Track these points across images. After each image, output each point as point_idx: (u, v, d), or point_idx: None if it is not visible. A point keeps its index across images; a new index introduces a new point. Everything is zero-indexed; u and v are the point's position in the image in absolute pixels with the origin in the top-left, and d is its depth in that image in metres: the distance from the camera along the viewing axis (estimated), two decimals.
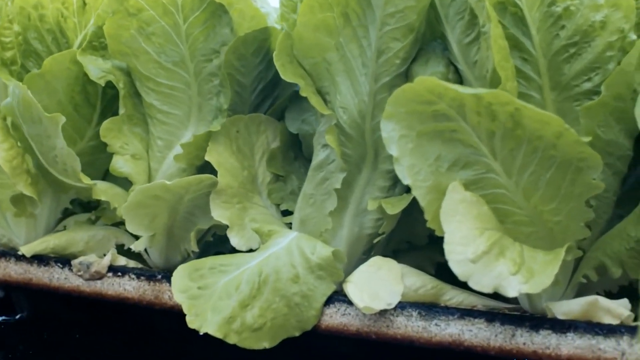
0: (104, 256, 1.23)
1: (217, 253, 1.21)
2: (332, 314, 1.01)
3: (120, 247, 1.32)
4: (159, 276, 1.15)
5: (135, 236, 1.27)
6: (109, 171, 1.30)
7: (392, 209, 1.03)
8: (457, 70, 1.04)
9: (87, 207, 1.44)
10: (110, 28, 1.22)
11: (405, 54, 1.04)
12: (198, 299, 1.00)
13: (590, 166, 0.86)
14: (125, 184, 1.31)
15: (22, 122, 1.25)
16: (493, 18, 0.87)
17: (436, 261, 1.16)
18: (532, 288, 0.79)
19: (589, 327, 0.85)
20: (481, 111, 0.84)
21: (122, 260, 1.25)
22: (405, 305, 0.97)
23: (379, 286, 1.00)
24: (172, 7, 1.17)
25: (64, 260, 1.25)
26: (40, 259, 1.26)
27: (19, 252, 1.28)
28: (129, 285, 1.17)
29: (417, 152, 0.88)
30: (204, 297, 1.00)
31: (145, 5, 1.18)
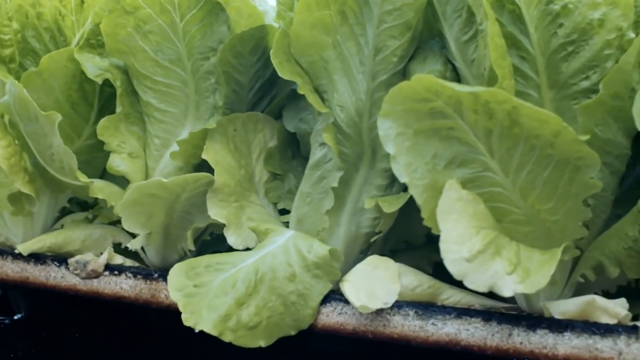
0: (101, 255, 1.22)
1: (214, 252, 1.19)
2: (329, 313, 1.00)
3: (117, 246, 1.31)
4: (156, 275, 1.15)
5: (132, 235, 1.27)
6: (107, 170, 1.29)
7: (389, 208, 1.02)
8: (454, 68, 1.03)
9: (85, 206, 1.44)
10: (107, 26, 1.22)
11: (403, 52, 1.03)
12: (194, 297, 1.00)
13: (588, 165, 0.85)
14: (122, 182, 1.31)
15: (19, 120, 1.24)
16: (490, 16, 0.87)
17: (434, 260, 1.15)
18: (527, 288, 0.78)
19: (586, 326, 0.85)
20: (478, 109, 0.84)
21: (118, 259, 1.25)
22: (402, 304, 0.96)
23: (375, 285, 0.99)
24: (169, 5, 1.17)
25: (60, 258, 1.24)
26: (37, 258, 1.26)
27: (16, 251, 1.27)
28: (125, 284, 1.17)
29: (414, 150, 0.88)
30: (199, 295, 1.00)
31: (142, 4, 1.18)
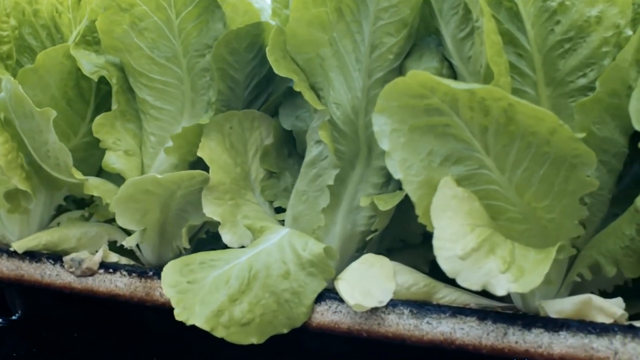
0: (96, 253, 1.22)
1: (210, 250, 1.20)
2: (324, 311, 1.00)
3: (113, 244, 1.31)
4: (150, 273, 1.14)
5: (128, 233, 1.27)
6: (102, 167, 1.29)
7: (385, 206, 1.02)
8: (451, 65, 1.03)
9: (81, 204, 1.43)
10: (103, 23, 1.21)
11: (399, 49, 1.03)
12: (187, 293, 0.99)
13: (584, 163, 0.85)
14: (118, 181, 1.30)
15: (15, 117, 1.24)
16: (486, 12, 0.86)
17: (430, 259, 1.14)
18: (521, 287, 0.77)
19: (581, 325, 0.84)
20: (474, 106, 0.83)
21: (114, 257, 1.24)
22: (397, 303, 0.96)
23: (370, 284, 0.99)
24: (165, 2, 1.17)
25: (55, 256, 1.24)
26: (32, 255, 1.25)
27: (11, 249, 1.27)
28: (120, 282, 1.16)
29: (409, 147, 0.87)
30: (192, 291, 0.99)
31: (137, 1, 1.18)
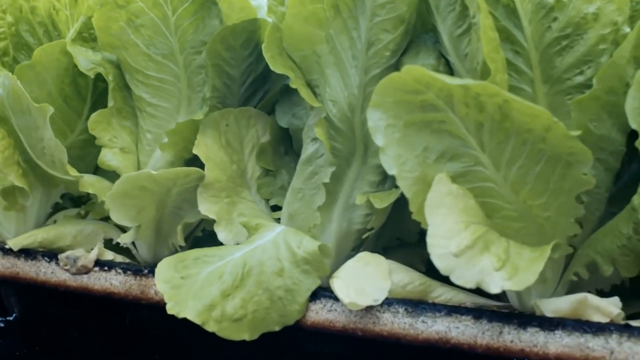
0: (92, 251, 1.21)
1: None
2: (318, 310, 0.99)
3: (109, 242, 1.30)
4: (145, 271, 1.14)
5: (124, 231, 1.26)
6: (98, 165, 1.29)
7: (380, 203, 1.01)
8: (448, 62, 1.02)
9: (78, 202, 1.43)
10: (99, 20, 1.21)
11: (396, 46, 1.02)
12: (180, 288, 0.99)
13: (580, 161, 0.84)
14: (115, 179, 1.29)
15: (12, 114, 1.24)
16: (483, 9, 0.86)
17: (427, 258, 1.12)
18: (515, 285, 0.76)
19: (577, 325, 0.83)
20: (469, 102, 0.82)
21: (109, 255, 1.24)
22: (392, 301, 0.95)
23: (365, 282, 0.98)
24: None
25: (50, 254, 1.24)
26: (27, 253, 1.25)
27: (7, 246, 1.26)
28: (115, 279, 1.16)
29: (404, 142, 0.86)
30: (186, 286, 0.99)
31: None
